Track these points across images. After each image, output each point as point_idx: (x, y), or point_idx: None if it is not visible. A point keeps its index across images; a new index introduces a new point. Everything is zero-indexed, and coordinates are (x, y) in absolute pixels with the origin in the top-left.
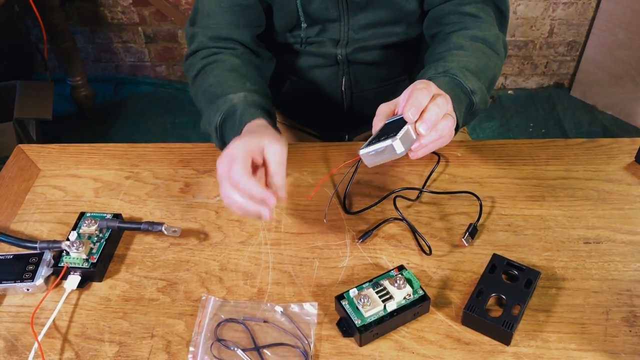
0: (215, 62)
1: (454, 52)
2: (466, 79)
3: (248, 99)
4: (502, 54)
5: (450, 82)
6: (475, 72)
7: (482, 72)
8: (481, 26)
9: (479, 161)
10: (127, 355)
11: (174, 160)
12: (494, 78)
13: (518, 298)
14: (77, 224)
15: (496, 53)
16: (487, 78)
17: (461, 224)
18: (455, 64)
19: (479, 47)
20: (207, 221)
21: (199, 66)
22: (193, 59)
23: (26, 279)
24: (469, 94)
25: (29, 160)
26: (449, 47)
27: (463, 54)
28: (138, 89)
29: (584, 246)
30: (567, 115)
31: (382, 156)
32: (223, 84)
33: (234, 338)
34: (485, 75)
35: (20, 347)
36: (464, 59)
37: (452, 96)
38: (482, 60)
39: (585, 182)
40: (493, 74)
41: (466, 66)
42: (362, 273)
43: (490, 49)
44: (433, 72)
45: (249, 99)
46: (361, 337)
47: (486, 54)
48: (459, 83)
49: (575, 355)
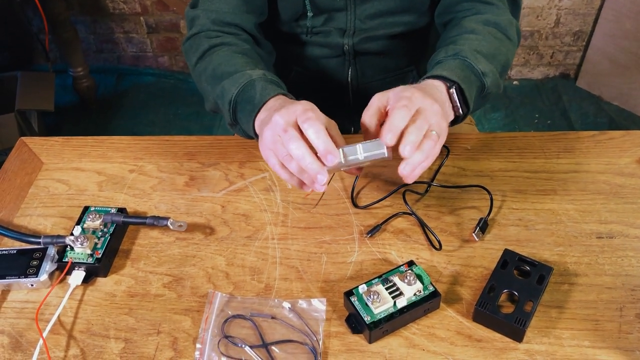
0: (223, 44)
1: (465, 36)
2: (477, 61)
3: (267, 77)
4: (514, 40)
5: (460, 64)
6: (487, 55)
7: (494, 56)
8: (494, 11)
9: (488, 154)
10: (134, 352)
11: (178, 153)
12: (506, 63)
13: (530, 294)
14: (81, 218)
15: (509, 38)
16: (499, 62)
17: (471, 218)
18: (466, 46)
19: (491, 31)
20: (213, 215)
21: (205, 47)
22: (195, 40)
23: (30, 275)
24: (480, 77)
25: (32, 153)
26: (460, 31)
27: (475, 38)
28: (140, 79)
29: (597, 241)
30: (573, 106)
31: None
32: (235, 63)
33: (241, 335)
34: (498, 59)
35: (25, 344)
36: (475, 42)
37: (463, 77)
38: (494, 44)
39: (597, 175)
40: (505, 59)
41: (478, 49)
42: (370, 268)
43: (502, 34)
44: (443, 54)
45: (268, 77)
46: (371, 334)
47: (498, 38)
48: (469, 65)
49: (589, 352)
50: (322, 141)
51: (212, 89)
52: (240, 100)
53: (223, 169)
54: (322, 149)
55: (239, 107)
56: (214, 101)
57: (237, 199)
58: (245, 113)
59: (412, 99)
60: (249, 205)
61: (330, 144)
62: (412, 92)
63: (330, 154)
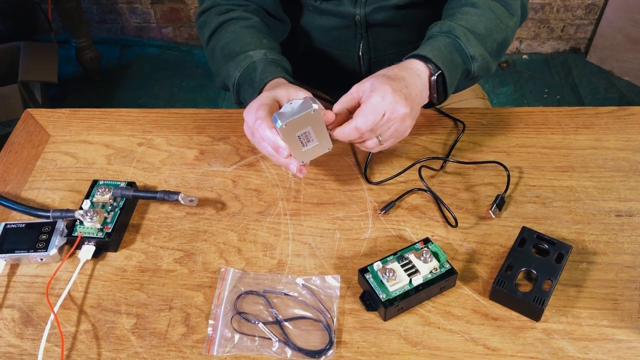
0: (232, 19)
1: (464, 9)
2: (468, 43)
3: (268, 57)
4: (517, 15)
5: (450, 44)
6: (481, 35)
7: (490, 35)
8: None
9: (505, 129)
10: (145, 328)
11: (188, 126)
12: (504, 41)
13: (549, 273)
14: (90, 192)
15: (510, 14)
16: (495, 41)
17: (488, 195)
18: (462, 22)
19: (492, 5)
20: (224, 190)
21: (215, 24)
22: (207, 16)
23: (39, 249)
24: (468, 61)
25: (38, 125)
26: (461, 3)
27: (473, 13)
28: (144, 51)
29: (616, 219)
30: (583, 81)
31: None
32: (242, 41)
33: (254, 311)
34: (493, 37)
35: (36, 318)
36: (472, 19)
37: (450, 61)
38: (493, 21)
39: (616, 152)
40: (503, 37)
41: (472, 28)
42: (385, 245)
43: (505, 9)
44: (437, 29)
45: (269, 57)
46: (386, 312)
47: (498, 14)
48: (459, 47)
49: (608, 331)
50: (269, 140)
51: (221, 69)
52: (242, 82)
53: (233, 143)
54: (271, 145)
55: (242, 89)
56: (223, 80)
57: (249, 173)
58: (247, 95)
59: (382, 104)
60: (261, 180)
61: (277, 140)
62: (386, 93)
63: (280, 148)
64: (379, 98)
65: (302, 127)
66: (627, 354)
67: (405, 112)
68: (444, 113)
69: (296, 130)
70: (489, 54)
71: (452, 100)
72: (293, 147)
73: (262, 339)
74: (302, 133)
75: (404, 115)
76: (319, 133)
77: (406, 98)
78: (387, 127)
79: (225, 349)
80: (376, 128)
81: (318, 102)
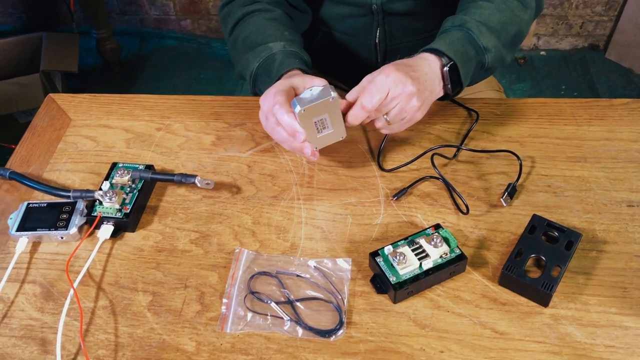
0: (255, 11)
1: (478, 4)
2: (481, 36)
3: (287, 49)
4: (531, 7)
5: (463, 37)
6: (494, 28)
7: (504, 28)
8: None
9: (518, 120)
10: (161, 305)
11: (205, 112)
12: (518, 33)
13: (558, 259)
14: (109, 174)
15: (524, 7)
16: (509, 33)
17: (500, 183)
18: (475, 17)
19: None
20: (240, 175)
21: (239, 15)
22: (230, 7)
23: (60, 227)
24: (482, 52)
25: (60, 109)
26: None
27: (487, 7)
28: (163, 43)
29: (627, 209)
30: (601, 78)
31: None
32: (263, 33)
33: (266, 291)
34: (507, 31)
35: (56, 294)
36: (486, 12)
37: (462, 53)
38: (506, 14)
39: (629, 143)
40: (517, 29)
41: (486, 21)
42: (396, 231)
43: (518, 2)
44: (450, 24)
45: (287, 49)
46: (396, 295)
47: (512, 7)
48: (473, 40)
49: (616, 319)
50: (286, 124)
51: (240, 59)
52: (260, 73)
53: (249, 130)
54: (288, 129)
55: (259, 79)
56: (241, 71)
57: (263, 159)
58: (264, 85)
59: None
60: (275, 165)
61: (294, 125)
62: (390, 72)
63: (297, 133)
64: (382, 77)
65: (320, 114)
66: (635, 340)
67: (411, 90)
68: (458, 103)
69: (313, 116)
70: (503, 45)
71: (467, 91)
72: (308, 132)
73: (274, 318)
74: (318, 119)
75: (410, 94)
76: (335, 121)
77: (412, 78)
78: (392, 105)
79: (238, 326)
80: (382, 107)
81: (336, 91)
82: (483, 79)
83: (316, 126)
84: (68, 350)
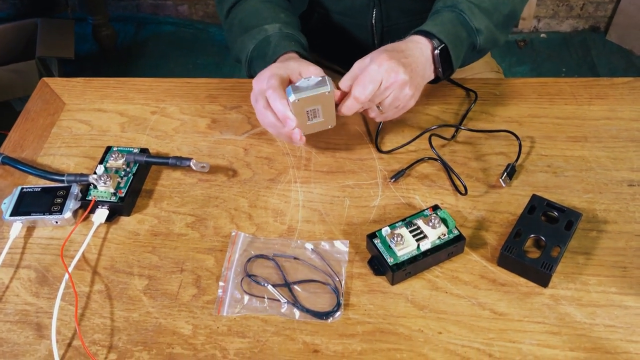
0: None
1: None
2: (473, 17)
3: (283, 31)
4: None
5: (455, 19)
6: (486, 8)
7: (496, 8)
8: None
9: (518, 100)
10: (157, 289)
11: (200, 95)
12: (511, 13)
13: (558, 239)
14: (103, 157)
15: None
16: (502, 13)
17: (498, 164)
18: None
19: None
20: (236, 158)
21: None
22: None
23: (55, 212)
24: (474, 34)
25: (54, 93)
26: None
27: None
28: (160, 29)
29: (628, 189)
30: (602, 60)
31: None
32: (259, 15)
33: (264, 274)
34: (500, 10)
35: (51, 278)
36: None
37: (454, 35)
38: None
39: (630, 122)
40: (510, 9)
41: (478, 1)
42: (394, 213)
43: None
44: (442, 4)
45: (283, 32)
46: (393, 276)
47: None
48: (464, 21)
49: (615, 298)
50: (278, 110)
51: (236, 41)
52: (255, 56)
53: (245, 112)
54: (280, 115)
55: (254, 62)
56: (237, 53)
57: (260, 142)
58: (259, 68)
59: (378, 71)
60: (272, 148)
61: (287, 112)
62: (382, 61)
63: (289, 120)
64: (375, 67)
65: (313, 105)
66: (635, 319)
67: (404, 79)
68: (457, 83)
69: (307, 106)
70: (495, 26)
71: (465, 73)
72: (299, 120)
73: (271, 301)
74: (310, 109)
75: (402, 83)
76: (327, 112)
77: (405, 66)
78: (386, 95)
79: (235, 309)
80: (375, 97)
81: (332, 83)
82: (475, 60)
83: (307, 115)
84: (64, 335)
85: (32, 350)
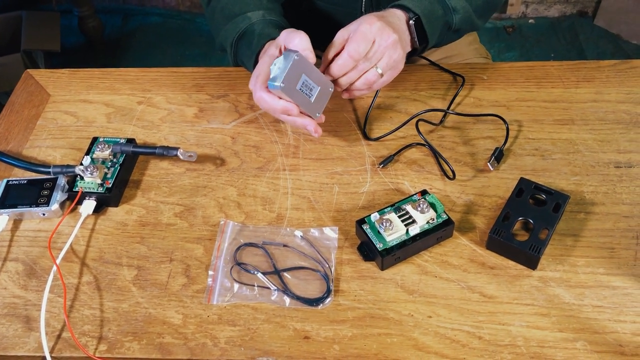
0: None
1: None
2: None
3: (266, 17)
4: None
5: None
6: None
7: None
8: None
9: (505, 84)
10: (146, 279)
11: (187, 85)
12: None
13: (546, 222)
14: (90, 148)
15: None
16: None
17: (486, 148)
18: None
19: None
20: (223, 147)
21: None
22: None
23: (41, 204)
24: (450, 12)
25: (39, 85)
26: None
27: None
28: (147, 20)
29: (615, 170)
30: (590, 45)
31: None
32: (241, 2)
33: (253, 262)
34: None
35: (39, 271)
36: None
37: (429, 11)
38: None
39: (617, 104)
40: None
41: None
42: (383, 198)
43: None
44: None
45: (267, 18)
46: (383, 261)
47: None
48: None
49: (604, 279)
50: (277, 106)
51: (219, 30)
52: (240, 44)
53: (232, 101)
54: (282, 110)
55: (239, 51)
56: (221, 43)
57: (247, 130)
58: (245, 57)
59: (371, 30)
60: (260, 136)
61: (283, 103)
62: (372, 21)
63: (289, 108)
64: (366, 26)
65: (297, 78)
66: (622, 300)
67: (395, 38)
68: (444, 68)
69: (294, 83)
70: (474, 10)
71: (453, 58)
72: (302, 102)
73: (261, 288)
74: (301, 84)
75: (394, 42)
76: (315, 77)
77: (392, 27)
78: (381, 54)
79: (225, 298)
80: (370, 56)
81: (297, 50)
82: (453, 40)
83: (303, 92)
84: (53, 327)
85: (21, 343)
